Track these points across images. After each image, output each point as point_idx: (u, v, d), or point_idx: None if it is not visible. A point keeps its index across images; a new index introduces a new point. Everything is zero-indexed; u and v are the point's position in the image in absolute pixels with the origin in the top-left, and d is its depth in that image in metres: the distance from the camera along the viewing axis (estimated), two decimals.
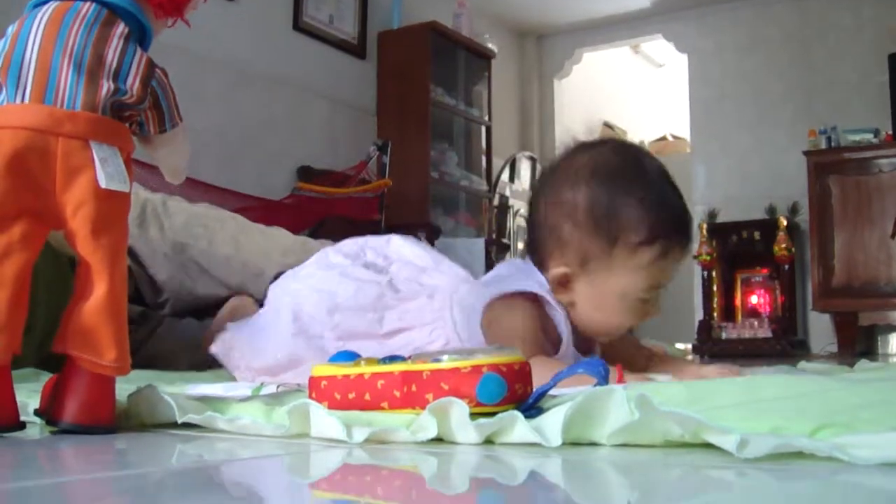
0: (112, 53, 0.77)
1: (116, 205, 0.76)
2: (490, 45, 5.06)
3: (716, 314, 5.16)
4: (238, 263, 1.80)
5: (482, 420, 0.68)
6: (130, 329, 0.80)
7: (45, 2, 0.79)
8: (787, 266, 4.98)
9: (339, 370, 0.78)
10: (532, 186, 4.28)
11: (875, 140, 4.76)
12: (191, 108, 1.21)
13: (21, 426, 0.76)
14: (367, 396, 0.75)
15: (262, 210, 3.03)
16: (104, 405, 0.77)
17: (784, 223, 4.93)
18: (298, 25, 4.11)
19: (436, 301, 1.22)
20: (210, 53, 3.59)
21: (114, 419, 0.78)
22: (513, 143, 5.85)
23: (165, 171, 0.92)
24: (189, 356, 1.62)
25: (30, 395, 0.83)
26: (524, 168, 5.88)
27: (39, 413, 0.78)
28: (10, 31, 0.77)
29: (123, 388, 0.81)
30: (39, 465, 0.64)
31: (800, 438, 0.57)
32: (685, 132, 6.09)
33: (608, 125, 6.60)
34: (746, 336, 4.98)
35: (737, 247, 5.18)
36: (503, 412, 0.68)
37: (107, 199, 0.75)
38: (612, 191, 1.08)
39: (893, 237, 4.54)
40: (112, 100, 0.76)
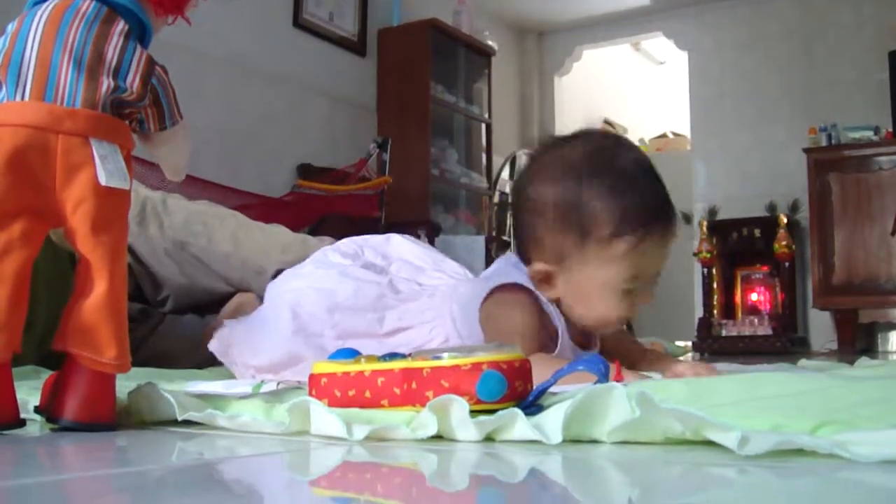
0: (112, 51, 0.77)
1: (116, 202, 0.76)
2: (490, 43, 5.05)
3: (716, 311, 5.16)
4: (238, 261, 1.80)
5: (482, 417, 0.68)
6: (130, 327, 0.80)
7: (45, 0, 0.79)
8: (788, 263, 4.98)
9: (340, 367, 0.78)
10: (512, 185, 4.27)
11: (875, 137, 4.76)
12: (191, 106, 1.20)
13: (21, 424, 0.76)
14: (368, 394, 0.75)
15: (263, 207, 3.02)
16: (104, 403, 0.77)
17: (784, 220, 4.93)
18: (298, 22, 4.10)
19: (436, 300, 1.22)
20: (210, 51, 3.59)
21: (114, 417, 0.78)
22: (513, 141, 5.85)
23: (166, 169, 0.91)
24: (190, 354, 1.62)
25: (30, 393, 0.83)
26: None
27: (40, 410, 0.78)
28: (10, 29, 0.77)
29: (124, 386, 0.81)
30: (40, 463, 0.64)
31: (800, 436, 0.57)
32: (685, 129, 6.09)
33: (608, 122, 6.59)
34: (746, 333, 4.98)
35: (737, 244, 5.18)
36: (503, 409, 0.68)
37: (107, 197, 0.75)
38: (579, 184, 1.07)
39: (893, 234, 4.54)
40: (112, 97, 0.76)
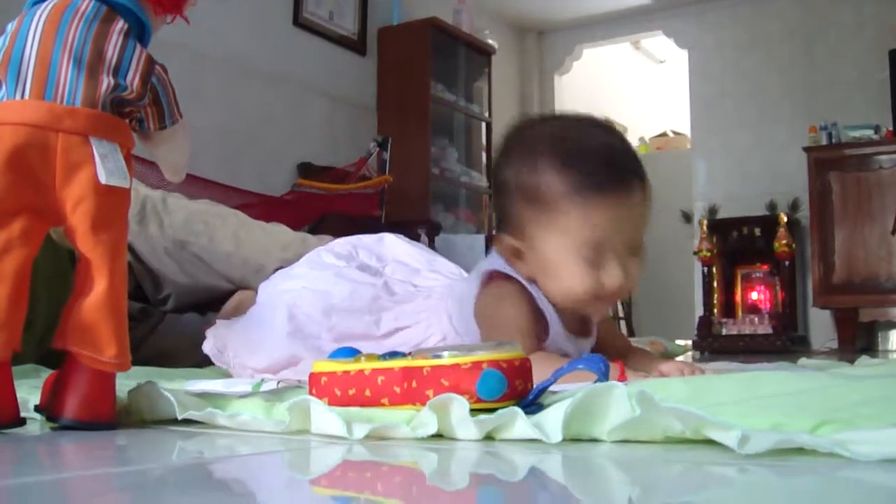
0: (112, 49, 0.77)
1: (116, 201, 0.76)
2: (490, 41, 5.05)
3: (716, 310, 5.15)
4: (238, 260, 1.80)
5: (482, 416, 0.68)
6: (131, 325, 0.80)
7: None
8: (788, 262, 4.97)
9: (339, 366, 0.78)
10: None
11: (875, 136, 4.76)
12: (191, 105, 1.20)
13: (21, 422, 0.76)
14: (368, 393, 0.75)
15: (263, 206, 3.02)
16: (104, 401, 0.77)
17: (784, 219, 4.93)
18: (298, 21, 4.10)
19: (431, 301, 1.22)
20: (210, 50, 3.58)
21: (114, 415, 0.78)
22: None
23: (165, 169, 0.91)
24: (190, 353, 1.62)
25: (30, 392, 0.83)
26: None
27: (40, 409, 0.78)
28: (10, 29, 0.77)
29: (124, 385, 0.81)
30: (40, 462, 0.64)
31: (801, 435, 0.57)
32: (686, 128, 6.09)
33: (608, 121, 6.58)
34: (746, 332, 4.98)
35: (737, 243, 5.17)
36: (503, 408, 0.68)
37: (107, 196, 0.75)
38: (534, 157, 1.09)
39: (894, 233, 4.54)
40: (112, 96, 0.76)
